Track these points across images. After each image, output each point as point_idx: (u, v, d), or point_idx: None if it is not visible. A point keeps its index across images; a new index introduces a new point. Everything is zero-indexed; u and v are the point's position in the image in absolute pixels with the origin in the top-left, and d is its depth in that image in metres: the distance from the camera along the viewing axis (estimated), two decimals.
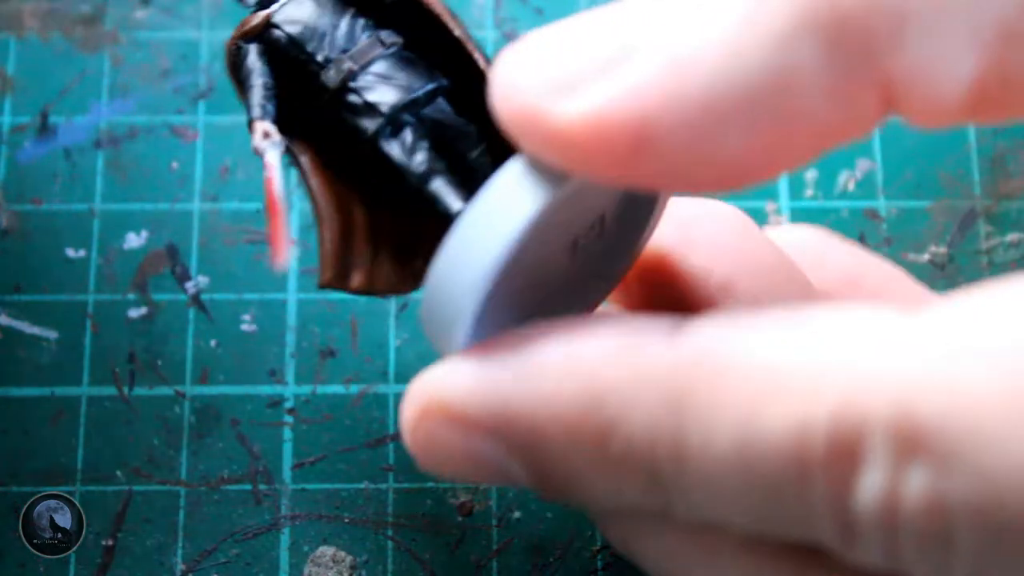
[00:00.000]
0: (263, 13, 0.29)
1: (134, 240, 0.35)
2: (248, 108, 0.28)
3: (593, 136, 0.21)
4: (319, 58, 0.28)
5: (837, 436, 0.19)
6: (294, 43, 0.29)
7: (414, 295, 0.35)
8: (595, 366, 0.22)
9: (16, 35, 0.38)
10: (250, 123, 0.28)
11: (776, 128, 0.21)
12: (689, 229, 0.28)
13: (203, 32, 0.38)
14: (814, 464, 0.20)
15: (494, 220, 0.22)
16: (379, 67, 0.28)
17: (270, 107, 0.28)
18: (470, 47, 0.28)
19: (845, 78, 0.20)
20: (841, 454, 0.19)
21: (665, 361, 0.21)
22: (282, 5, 0.29)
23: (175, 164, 0.36)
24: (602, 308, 0.28)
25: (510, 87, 0.21)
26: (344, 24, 0.29)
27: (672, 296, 0.28)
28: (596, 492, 0.23)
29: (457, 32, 0.28)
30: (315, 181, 0.28)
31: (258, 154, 0.28)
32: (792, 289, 0.27)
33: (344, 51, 0.28)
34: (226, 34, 0.38)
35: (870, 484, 0.19)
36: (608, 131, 0.20)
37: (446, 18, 0.29)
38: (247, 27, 0.29)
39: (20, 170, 0.36)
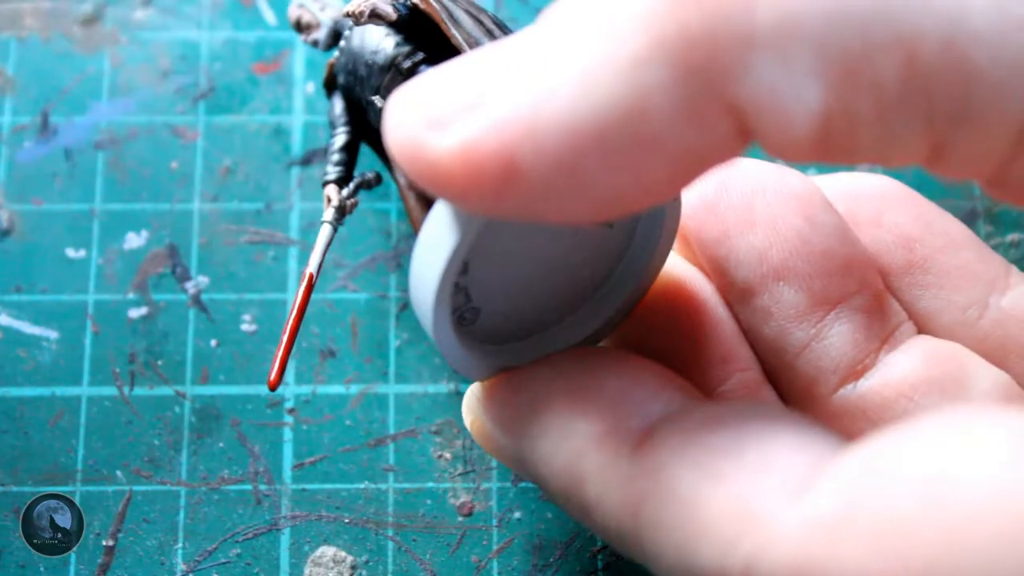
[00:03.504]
0: (330, 60, 0.32)
1: (134, 240, 0.35)
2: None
3: (462, 169, 0.21)
4: (364, 102, 0.31)
5: None
6: (345, 91, 0.32)
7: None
8: (580, 449, 0.24)
9: (16, 35, 0.38)
10: (324, 184, 0.32)
11: (636, 154, 0.21)
12: (752, 206, 0.28)
13: (203, 32, 0.38)
14: None
15: (447, 225, 0.24)
16: None
17: (339, 169, 0.32)
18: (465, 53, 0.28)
19: (696, 103, 0.21)
20: None
21: (627, 470, 0.23)
22: (342, 47, 0.32)
23: (175, 164, 0.36)
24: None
25: (395, 122, 0.22)
26: (381, 53, 0.30)
27: (727, 273, 0.28)
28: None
29: (455, 40, 0.29)
30: (411, 197, 0.30)
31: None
32: (845, 282, 0.28)
33: (376, 90, 0.30)
34: (226, 34, 0.38)
35: None
36: (475, 164, 0.21)
37: (444, 28, 0.29)
38: (326, 74, 0.33)
39: (20, 170, 0.36)
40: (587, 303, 0.28)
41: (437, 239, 0.24)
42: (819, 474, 0.21)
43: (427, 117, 0.22)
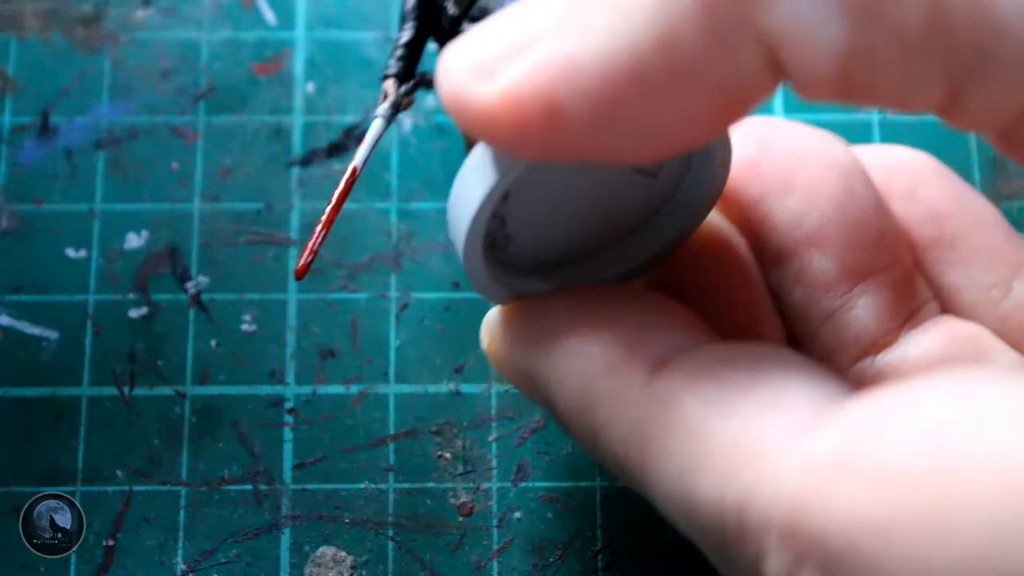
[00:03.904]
0: None
1: (134, 240, 0.35)
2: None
3: (508, 114, 0.22)
4: (439, 3, 0.31)
5: (743, 523, 0.21)
6: None
7: (413, 295, 0.35)
8: (594, 372, 0.24)
9: (16, 35, 0.38)
10: (384, 77, 0.32)
11: (671, 86, 0.21)
12: (793, 170, 0.28)
13: (203, 32, 0.38)
14: (730, 534, 0.22)
15: (498, 152, 0.24)
16: (482, 2, 0.30)
17: (400, 64, 0.32)
18: None
19: (725, 33, 0.21)
20: (748, 537, 0.21)
21: (638, 395, 0.24)
22: None
23: (175, 164, 0.36)
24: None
25: (444, 74, 0.23)
26: None
27: (762, 234, 0.28)
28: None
29: None
30: None
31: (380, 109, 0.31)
32: (877, 256, 0.28)
33: None
34: (226, 34, 0.38)
35: (774, 570, 0.21)
36: (519, 108, 0.22)
37: None
38: None
39: (20, 170, 0.36)
40: (619, 246, 0.28)
41: (486, 163, 0.24)
42: (827, 416, 0.21)
43: (471, 68, 0.23)
